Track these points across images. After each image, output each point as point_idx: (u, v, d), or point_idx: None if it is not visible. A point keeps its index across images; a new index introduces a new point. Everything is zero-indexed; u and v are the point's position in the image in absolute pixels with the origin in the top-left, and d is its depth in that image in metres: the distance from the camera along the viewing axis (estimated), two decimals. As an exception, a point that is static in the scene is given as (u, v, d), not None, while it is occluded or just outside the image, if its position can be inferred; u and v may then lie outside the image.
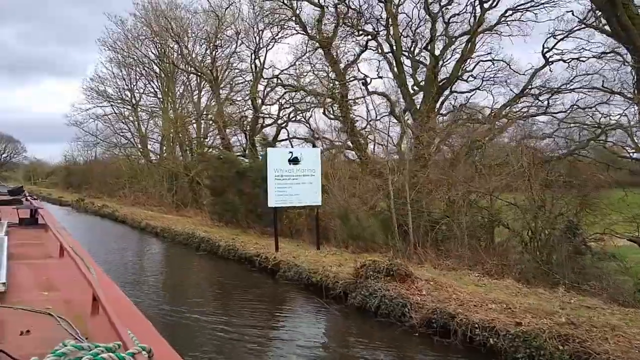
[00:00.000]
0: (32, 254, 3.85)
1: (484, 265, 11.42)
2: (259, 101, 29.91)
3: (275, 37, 28.57)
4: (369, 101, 24.16)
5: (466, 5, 22.48)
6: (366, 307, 8.55)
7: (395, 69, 23.49)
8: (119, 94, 40.02)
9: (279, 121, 29.18)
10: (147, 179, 35.63)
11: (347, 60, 23.65)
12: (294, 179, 12.73)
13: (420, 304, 7.83)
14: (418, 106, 22.74)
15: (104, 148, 42.33)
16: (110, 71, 39.07)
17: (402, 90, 23.43)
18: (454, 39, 23.71)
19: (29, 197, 8.23)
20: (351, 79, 22.67)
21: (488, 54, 22.92)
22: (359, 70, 23.92)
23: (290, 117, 29.12)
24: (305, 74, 26.74)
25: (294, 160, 12.68)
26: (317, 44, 23.95)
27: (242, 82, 31.92)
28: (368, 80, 22.66)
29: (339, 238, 15.16)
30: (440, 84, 23.63)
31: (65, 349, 1.68)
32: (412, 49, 23.95)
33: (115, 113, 40.04)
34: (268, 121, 29.89)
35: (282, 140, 29.65)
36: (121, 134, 40.18)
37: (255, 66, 29.58)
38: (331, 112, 26.66)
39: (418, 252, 12.76)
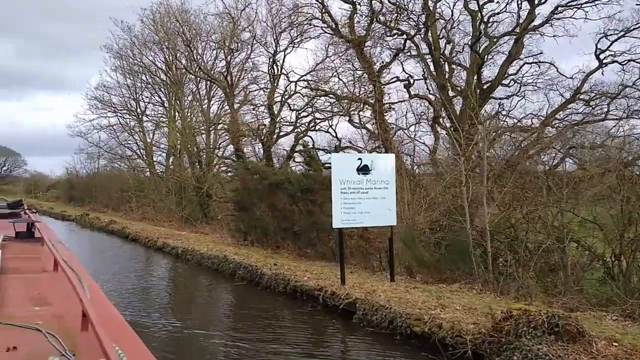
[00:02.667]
0: (25, 268, 3.70)
1: (619, 305, 8.52)
2: (276, 109, 27.20)
3: (294, 41, 25.93)
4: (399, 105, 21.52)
5: (508, 3, 19.87)
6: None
7: (434, 71, 20.88)
8: (124, 103, 37.20)
9: (297, 130, 26.50)
10: (154, 192, 32.58)
11: (382, 62, 20.89)
12: (364, 193, 9.82)
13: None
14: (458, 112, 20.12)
15: (108, 160, 39.39)
16: (115, 80, 36.26)
17: (441, 95, 20.72)
18: (495, 39, 21.08)
19: (27, 211, 7.92)
20: (393, 79, 19.81)
21: (539, 53, 20.33)
22: (402, 70, 21.02)
23: (310, 125, 26.37)
24: (331, 77, 24.06)
25: (364, 169, 9.79)
26: (347, 44, 21.21)
27: (256, 90, 29.17)
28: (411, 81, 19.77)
29: (401, 264, 12.26)
30: (485, 87, 20.96)
31: None
32: (443, 51, 21.26)
33: (121, 124, 37.21)
34: (287, 129, 27.30)
35: (302, 150, 26.92)
36: (126, 145, 37.28)
37: (273, 71, 26.88)
38: (358, 119, 24.01)
39: (520, 286, 9.83)
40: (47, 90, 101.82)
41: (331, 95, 23.73)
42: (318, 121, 26.06)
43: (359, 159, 9.88)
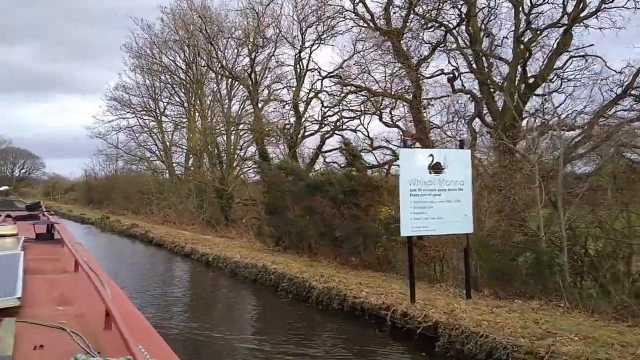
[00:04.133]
0: (47, 269, 3.66)
1: None
2: (302, 107, 25.74)
3: (321, 37, 24.47)
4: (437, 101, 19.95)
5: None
6: None
7: (474, 65, 19.29)
8: (143, 104, 36.00)
9: (326, 128, 25.01)
10: (175, 194, 31.26)
11: (421, 55, 19.34)
12: (437, 195, 8.28)
13: None
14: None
15: (126, 161, 38.17)
16: (134, 80, 35.10)
17: (483, 90, 19.14)
18: (539, 31, 19.42)
19: (45, 213, 7.89)
20: (437, 72, 18.22)
21: (588, 45, 18.63)
22: (448, 63, 19.41)
23: (338, 125, 24.84)
24: (359, 74, 22.51)
25: (436, 168, 8.25)
26: (384, 36, 19.68)
27: (280, 88, 27.71)
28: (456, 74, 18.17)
29: (457, 275, 10.69)
30: (530, 81, 19.30)
31: None
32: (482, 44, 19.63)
33: (140, 125, 35.98)
34: (313, 128, 25.83)
35: (328, 151, 25.45)
36: (145, 146, 36.04)
37: (299, 69, 25.42)
38: (390, 117, 22.48)
39: (619, 304, 8.24)
40: (66, 92, 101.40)
41: (364, 92, 22.24)
42: (345, 120, 24.61)
43: (430, 155, 8.33)
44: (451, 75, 17.94)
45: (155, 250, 18.65)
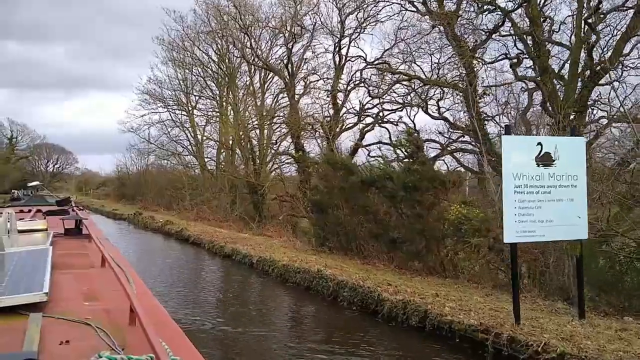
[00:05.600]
0: (75, 264, 3.67)
1: None
2: (340, 100, 24.24)
3: (362, 24, 22.91)
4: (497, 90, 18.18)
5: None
6: None
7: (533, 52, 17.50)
8: (174, 97, 34.99)
9: (367, 119, 23.48)
10: (209, 190, 30.10)
11: (476, 40, 17.62)
12: (546, 193, 6.69)
13: None
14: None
15: (158, 156, 37.17)
16: (165, 75, 34.13)
17: (543, 79, 17.32)
18: (602, 15, 17.49)
19: (74, 208, 7.64)
20: (500, 57, 16.49)
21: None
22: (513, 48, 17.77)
23: (379, 118, 23.25)
24: (402, 63, 20.88)
25: (545, 159, 6.66)
26: (437, 20, 18.03)
27: (317, 80, 26.16)
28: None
29: (552, 286, 9.06)
30: (597, 68, 17.40)
31: None
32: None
33: (173, 120, 34.97)
34: (352, 121, 24.31)
35: (368, 145, 23.93)
36: (177, 140, 34.99)
37: (339, 58, 23.91)
38: (437, 109, 20.82)
39: None
40: (98, 89, 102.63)
41: (408, 82, 20.62)
42: (387, 112, 23.02)
43: (539, 143, 6.72)
44: (515, 60, 16.16)
45: (193, 249, 17.36)
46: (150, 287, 3.15)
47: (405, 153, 12.48)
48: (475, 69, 17.66)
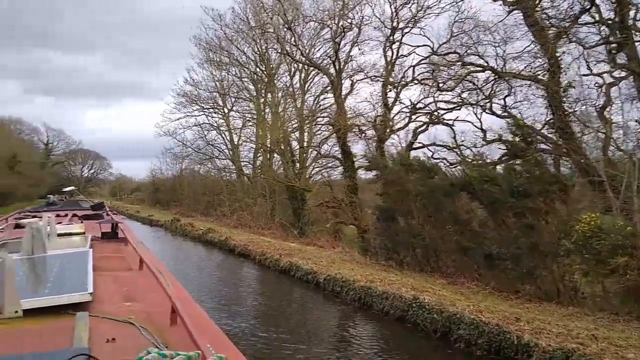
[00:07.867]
0: (114, 266, 3.68)
1: None
2: (391, 98, 21.97)
3: (416, 17, 20.64)
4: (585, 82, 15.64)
5: None
6: None
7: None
8: (211, 100, 33.30)
9: (422, 118, 21.13)
10: (248, 195, 28.17)
11: (559, 28, 15.15)
12: None
13: None
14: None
15: (193, 160, 35.48)
16: (202, 77, 32.48)
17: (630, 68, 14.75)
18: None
19: (109, 212, 7.84)
20: (600, 41, 13.98)
21: None
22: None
23: (434, 117, 20.89)
24: (463, 54, 18.50)
25: None
26: (509, 7, 15.67)
27: (362, 79, 23.92)
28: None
29: None
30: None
31: (150, 357, 1.61)
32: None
33: (209, 123, 33.28)
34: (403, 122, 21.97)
35: (418, 148, 21.57)
36: (214, 144, 33.24)
37: (391, 53, 21.67)
38: (503, 105, 18.36)
39: None
40: (133, 97, 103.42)
41: (467, 79, 18.26)
42: (442, 112, 20.66)
43: None
44: (616, 45, 13.65)
45: (241, 262, 15.20)
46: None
47: (507, 149, 10.10)
48: (559, 60, 15.20)
